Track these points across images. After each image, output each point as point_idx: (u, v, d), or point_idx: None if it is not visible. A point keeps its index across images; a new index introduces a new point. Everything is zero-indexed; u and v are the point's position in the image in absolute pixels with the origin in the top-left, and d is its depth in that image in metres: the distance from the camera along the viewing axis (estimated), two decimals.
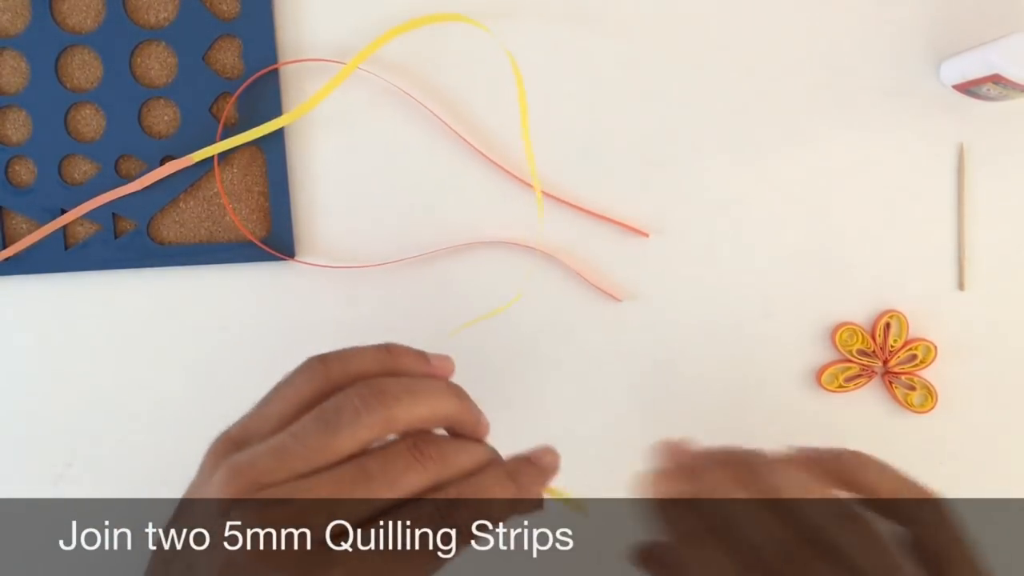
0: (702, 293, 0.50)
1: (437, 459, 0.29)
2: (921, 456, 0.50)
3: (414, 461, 0.29)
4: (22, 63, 0.50)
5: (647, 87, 0.49)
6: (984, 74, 0.44)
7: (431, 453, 0.29)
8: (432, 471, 0.29)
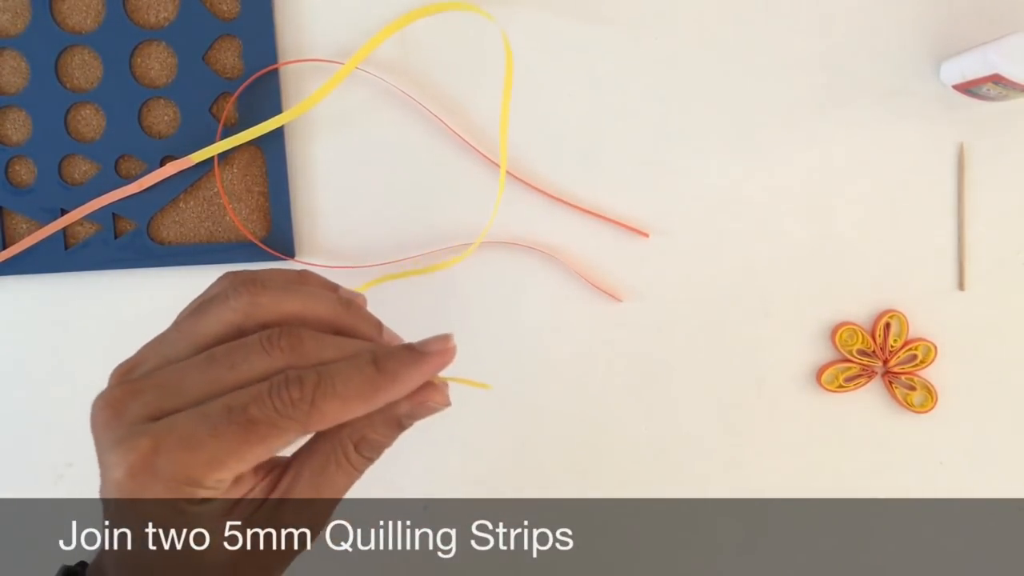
0: (702, 293, 0.50)
1: (287, 348, 0.28)
2: (921, 456, 0.50)
3: (260, 348, 0.28)
4: (22, 63, 0.50)
5: (647, 87, 0.49)
6: (984, 74, 0.44)
7: (283, 343, 0.28)
8: (278, 358, 0.28)
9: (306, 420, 0.27)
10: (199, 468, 0.26)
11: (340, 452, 0.30)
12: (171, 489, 0.26)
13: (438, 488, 0.51)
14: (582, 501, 0.51)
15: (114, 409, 0.28)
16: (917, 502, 0.51)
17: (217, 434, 0.26)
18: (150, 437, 0.26)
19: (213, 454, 0.26)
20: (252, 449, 0.27)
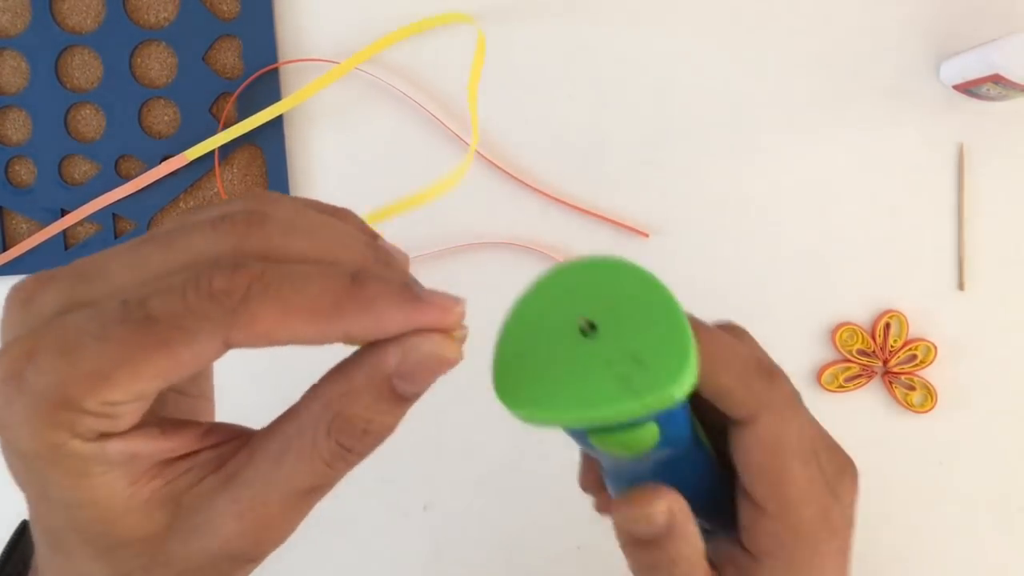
0: (702, 293, 0.50)
1: (243, 228, 0.20)
2: (921, 456, 0.50)
3: (208, 224, 0.20)
4: (22, 63, 0.50)
5: (647, 87, 0.49)
6: (984, 74, 0.44)
7: (239, 219, 0.20)
8: (225, 239, 0.20)
9: (226, 323, 0.19)
10: (76, 383, 0.18)
11: (309, 435, 0.21)
12: (40, 414, 0.18)
13: (438, 488, 0.51)
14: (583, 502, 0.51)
15: (20, 300, 0.20)
16: (917, 502, 0.51)
17: (104, 335, 0.18)
18: (29, 338, 0.19)
19: (96, 363, 0.18)
20: (148, 359, 0.18)
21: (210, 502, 0.21)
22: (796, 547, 0.26)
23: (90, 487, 0.19)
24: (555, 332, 0.23)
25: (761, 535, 0.27)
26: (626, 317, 0.24)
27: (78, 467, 0.19)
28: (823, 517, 0.26)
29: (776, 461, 0.26)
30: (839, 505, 0.27)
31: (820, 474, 0.26)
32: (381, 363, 0.20)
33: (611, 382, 0.22)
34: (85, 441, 0.19)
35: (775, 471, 0.26)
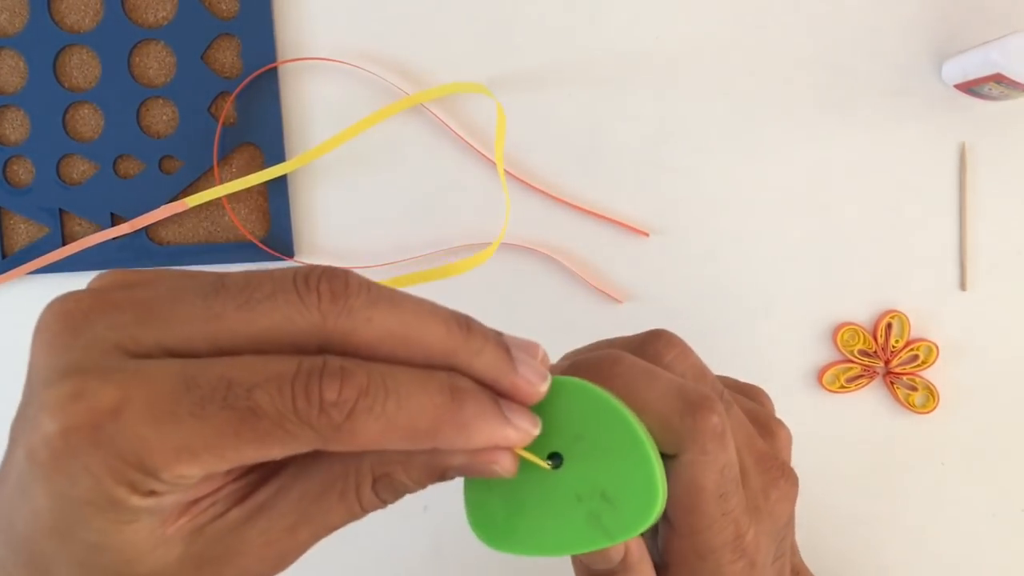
0: (702, 293, 0.50)
1: (328, 296, 0.19)
2: (923, 457, 0.50)
3: (291, 286, 0.19)
4: (20, 62, 0.50)
5: (648, 86, 0.49)
6: (986, 73, 0.43)
7: (323, 288, 0.19)
8: (311, 308, 0.19)
9: (330, 436, 0.19)
10: (162, 454, 0.18)
11: (353, 482, 0.22)
12: (111, 471, 0.18)
13: (438, 489, 0.51)
14: None
15: (72, 321, 0.19)
16: (919, 503, 0.51)
17: (202, 414, 0.18)
18: (114, 385, 0.18)
19: (187, 440, 0.18)
20: (241, 448, 0.18)
21: (235, 533, 0.21)
22: (699, 564, 0.27)
23: (126, 532, 0.19)
24: (523, 461, 0.23)
25: (671, 549, 0.28)
26: (592, 447, 0.24)
27: (125, 518, 0.19)
28: (733, 540, 0.27)
29: (690, 497, 0.26)
30: (757, 523, 0.28)
31: (737, 503, 0.27)
32: (447, 458, 0.22)
33: (582, 521, 0.23)
34: (143, 497, 0.19)
35: (688, 504, 0.26)
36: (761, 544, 0.28)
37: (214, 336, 0.19)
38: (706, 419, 0.26)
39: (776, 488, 0.29)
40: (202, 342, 0.19)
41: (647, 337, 0.29)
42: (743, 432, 0.29)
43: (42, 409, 0.18)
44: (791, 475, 0.29)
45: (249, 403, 0.18)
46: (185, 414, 0.18)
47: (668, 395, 0.26)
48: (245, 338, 0.19)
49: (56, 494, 0.19)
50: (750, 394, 0.33)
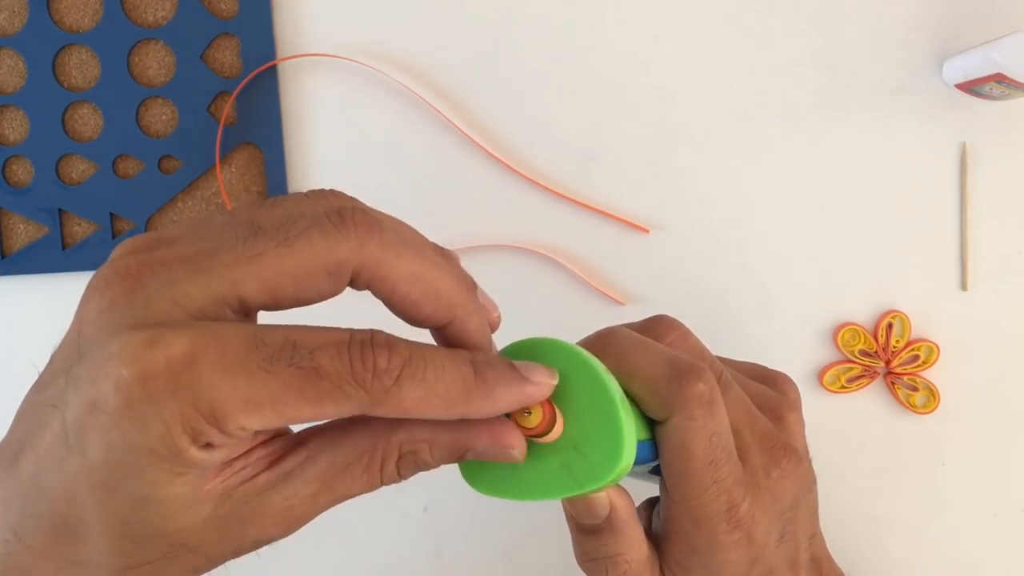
0: (702, 293, 0.50)
1: (364, 228, 0.22)
2: (923, 457, 0.50)
3: (327, 220, 0.21)
4: (19, 62, 0.50)
5: (648, 85, 0.49)
6: (987, 73, 0.43)
7: (358, 220, 0.22)
8: (351, 240, 0.21)
9: (380, 398, 0.21)
10: (232, 404, 0.19)
11: (379, 456, 0.23)
12: (182, 418, 0.19)
13: (438, 490, 0.51)
14: None
15: (125, 283, 0.21)
16: (919, 503, 0.50)
17: (270, 370, 0.19)
18: (187, 338, 0.19)
19: (255, 393, 0.19)
20: (301, 404, 0.20)
21: (261, 497, 0.22)
22: (694, 532, 0.28)
23: (173, 486, 0.20)
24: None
25: (668, 516, 0.29)
26: (568, 402, 0.26)
27: (178, 469, 0.20)
28: (727, 511, 0.28)
29: (680, 460, 0.27)
30: (755, 498, 0.28)
31: (729, 473, 0.28)
32: (470, 442, 0.24)
33: (556, 470, 0.25)
34: (199, 449, 0.20)
35: (679, 468, 0.28)
36: (759, 519, 0.28)
37: (260, 275, 0.21)
38: (692, 385, 0.27)
39: (778, 467, 0.29)
40: (251, 283, 0.21)
41: (649, 321, 0.32)
42: (743, 410, 0.30)
43: (112, 359, 0.19)
44: (795, 456, 0.30)
45: (313, 363, 0.20)
46: (255, 368, 0.19)
47: (658, 362, 0.28)
48: (288, 272, 0.21)
49: (117, 443, 0.19)
50: (772, 381, 0.34)
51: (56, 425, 0.20)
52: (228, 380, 0.19)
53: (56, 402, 0.20)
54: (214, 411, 0.19)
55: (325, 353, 0.20)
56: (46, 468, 0.20)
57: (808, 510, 0.31)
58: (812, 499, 0.32)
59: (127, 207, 0.50)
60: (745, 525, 0.28)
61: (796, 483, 0.29)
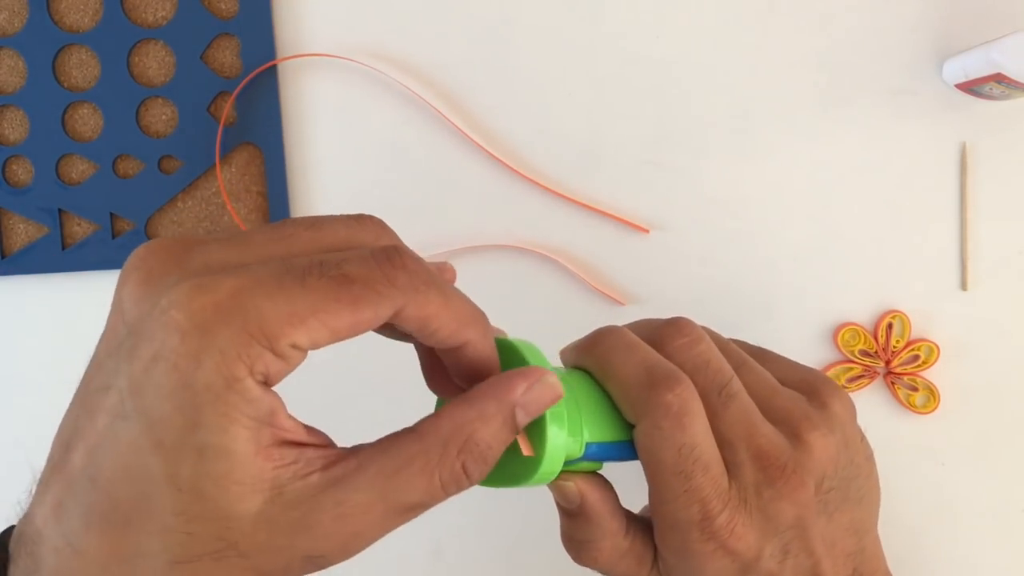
0: (702, 293, 0.50)
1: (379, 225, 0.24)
2: (924, 457, 0.50)
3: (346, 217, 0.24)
4: (19, 62, 0.50)
5: (648, 85, 0.49)
6: (987, 73, 0.43)
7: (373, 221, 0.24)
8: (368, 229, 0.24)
9: (407, 296, 0.22)
10: (278, 320, 0.20)
11: (435, 452, 0.23)
12: (236, 343, 0.20)
13: None
14: None
15: (171, 253, 0.22)
16: (919, 504, 0.50)
17: (304, 284, 0.21)
18: (229, 279, 0.20)
19: (296, 306, 0.20)
20: (340, 311, 0.21)
21: (313, 499, 0.22)
22: (669, 535, 0.29)
23: (233, 435, 0.20)
24: None
25: (651, 514, 0.30)
26: None
27: (236, 408, 0.20)
28: (700, 521, 0.28)
29: (649, 466, 0.28)
30: (742, 514, 0.28)
31: (704, 485, 0.28)
32: (509, 393, 0.24)
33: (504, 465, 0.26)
34: (255, 382, 0.20)
35: (649, 473, 0.28)
36: (743, 535, 0.28)
37: (289, 252, 0.22)
38: (661, 394, 0.27)
39: (771, 487, 0.29)
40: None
41: (664, 322, 0.32)
42: (743, 424, 0.29)
43: (165, 311, 0.20)
44: (796, 478, 0.29)
45: (342, 271, 0.21)
46: (292, 285, 0.21)
47: (636, 368, 0.28)
48: (316, 251, 0.22)
49: (176, 386, 0.20)
50: (814, 393, 0.33)
51: (110, 401, 0.21)
52: (270, 300, 0.20)
53: (107, 384, 0.21)
54: (263, 329, 0.20)
55: (352, 263, 0.21)
56: (99, 451, 0.21)
57: (842, 527, 0.31)
58: (850, 518, 0.31)
59: (127, 207, 0.50)
60: (721, 537, 0.28)
61: (796, 505, 0.29)
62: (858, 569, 0.32)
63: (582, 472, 0.29)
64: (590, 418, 0.28)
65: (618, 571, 0.31)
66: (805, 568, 0.30)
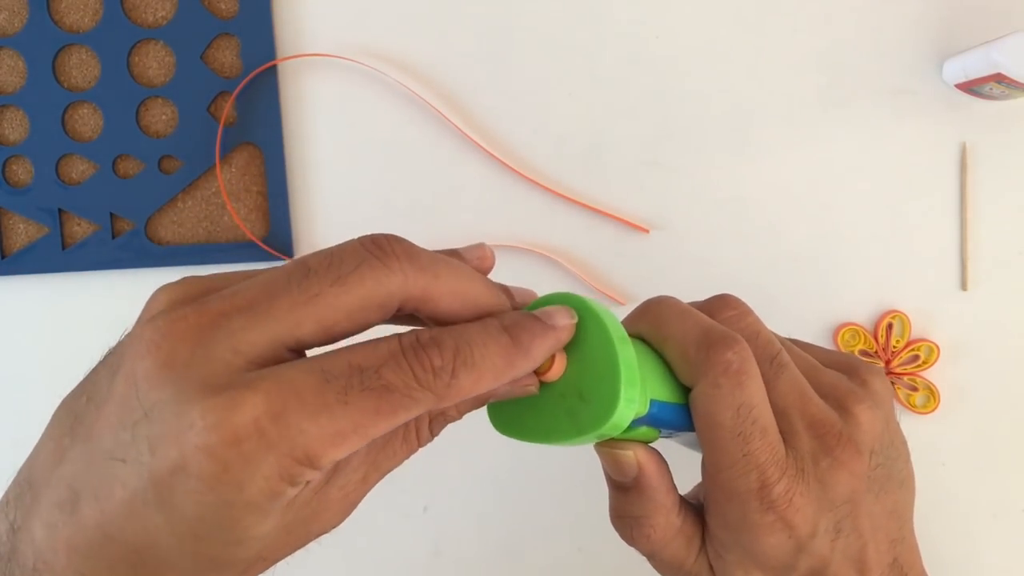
0: (703, 293, 0.50)
1: (405, 258, 0.22)
2: (924, 457, 0.50)
3: (370, 255, 0.22)
4: (19, 62, 0.50)
5: (648, 85, 0.49)
6: (987, 73, 0.43)
7: (398, 250, 0.22)
8: (396, 273, 0.22)
9: (443, 393, 0.21)
10: (321, 442, 0.20)
11: (414, 426, 0.25)
12: (281, 469, 0.20)
13: (438, 489, 0.51)
14: (584, 503, 0.51)
15: (185, 336, 0.20)
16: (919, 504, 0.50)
17: (347, 400, 0.20)
18: (263, 393, 0.20)
19: (340, 426, 0.20)
20: (379, 423, 0.21)
21: (319, 496, 0.23)
22: (726, 506, 0.28)
23: (264, 524, 0.21)
24: None
25: (705, 487, 0.29)
26: (578, 351, 0.26)
27: (273, 510, 0.21)
28: (758, 489, 0.27)
29: (706, 429, 0.27)
30: (799, 483, 0.28)
31: (762, 449, 0.27)
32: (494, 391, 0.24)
33: (563, 415, 0.26)
34: (294, 488, 0.21)
35: (707, 437, 0.28)
36: (800, 506, 0.27)
37: (317, 315, 0.21)
38: (720, 353, 0.27)
39: (829, 455, 0.28)
40: (309, 324, 0.21)
41: (711, 299, 0.31)
42: (795, 393, 0.29)
43: (195, 427, 0.20)
44: (853, 448, 0.28)
45: (382, 382, 0.21)
46: (334, 403, 0.20)
47: (693, 330, 0.28)
48: (344, 310, 0.21)
49: (214, 503, 0.20)
50: (854, 371, 0.32)
51: (130, 482, 0.20)
52: (314, 422, 0.20)
53: (124, 457, 0.21)
54: (308, 454, 0.20)
55: (388, 368, 0.21)
56: (120, 520, 0.21)
57: (886, 510, 0.30)
58: (893, 501, 0.30)
59: (127, 207, 0.50)
60: (779, 508, 0.27)
61: (853, 476, 0.28)
62: (898, 559, 0.31)
63: (638, 441, 0.29)
64: (651, 379, 0.28)
65: (668, 552, 0.29)
66: (854, 550, 0.29)
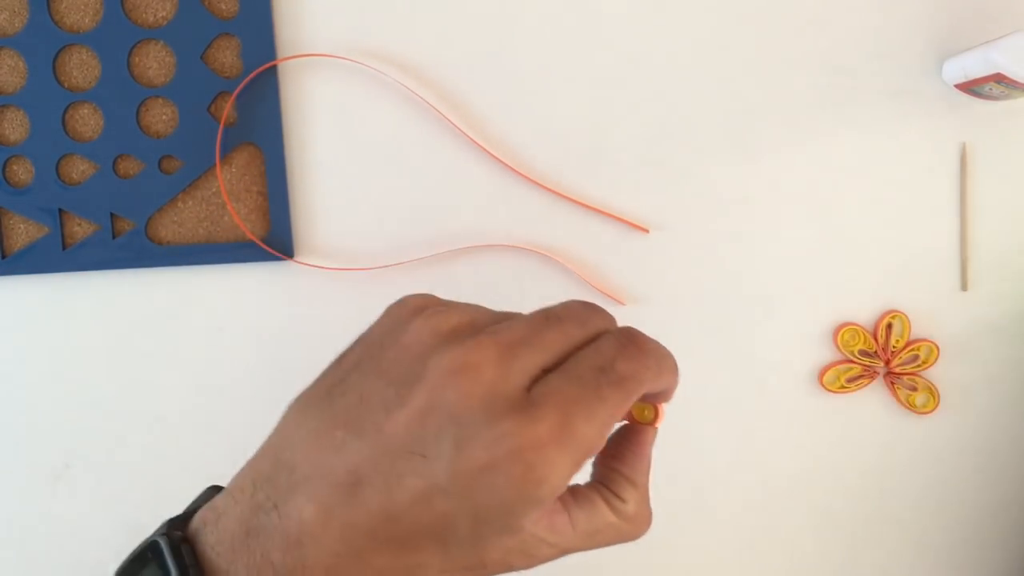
0: (703, 293, 0.50)
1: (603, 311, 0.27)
2: (924, 457, 0.50)
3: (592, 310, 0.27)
4: (20, 62, 0.50)
5: (648, 85, 0.49)
6: (987, 73, 0.43)
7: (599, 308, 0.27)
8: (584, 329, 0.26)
9: (655, 378, 0.25)
10: (600, 435, 0.24)
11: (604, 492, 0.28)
12: (574, 463, 0.23)
13: None
14: None
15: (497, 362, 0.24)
16: (919, 503, 0.50)
17: (606, 397, 0.24)
18: (553, 407, 0.23)
19: (603, 418, 0.23)
20: (623, 408, 0.24)
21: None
22: None
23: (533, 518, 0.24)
24: None
25: None
26: None
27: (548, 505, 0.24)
28: None
29: None
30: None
31: None
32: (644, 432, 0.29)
33: None
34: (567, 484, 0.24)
35: None
36: None
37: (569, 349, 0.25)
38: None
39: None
40: (563, 355, 0.25)
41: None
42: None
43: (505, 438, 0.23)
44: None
45: (618, 374, 0.24)
46: (596, 402, 0.23)
47: None
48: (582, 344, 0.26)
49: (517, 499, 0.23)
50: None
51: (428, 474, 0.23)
52: (589, 424, 0.23)
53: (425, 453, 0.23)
54: (590, 448, 0.23)
55: (619, 360, 0.24)
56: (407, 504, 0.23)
57: None
58: None
59: (127, 207, 0.50)
60: None
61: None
62: None
63: None
64: None
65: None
66: None
